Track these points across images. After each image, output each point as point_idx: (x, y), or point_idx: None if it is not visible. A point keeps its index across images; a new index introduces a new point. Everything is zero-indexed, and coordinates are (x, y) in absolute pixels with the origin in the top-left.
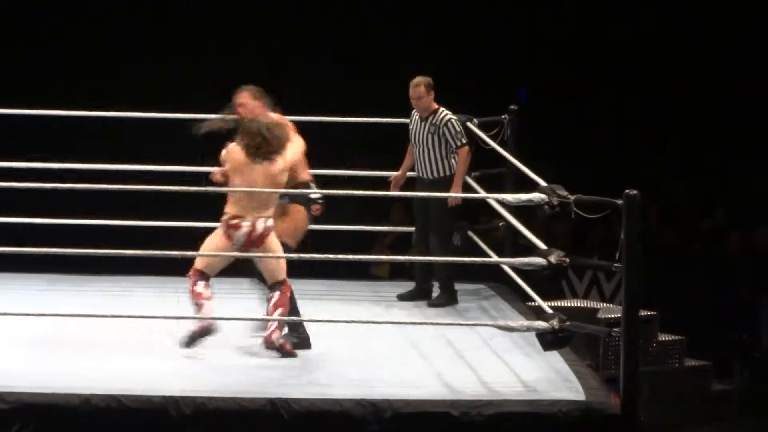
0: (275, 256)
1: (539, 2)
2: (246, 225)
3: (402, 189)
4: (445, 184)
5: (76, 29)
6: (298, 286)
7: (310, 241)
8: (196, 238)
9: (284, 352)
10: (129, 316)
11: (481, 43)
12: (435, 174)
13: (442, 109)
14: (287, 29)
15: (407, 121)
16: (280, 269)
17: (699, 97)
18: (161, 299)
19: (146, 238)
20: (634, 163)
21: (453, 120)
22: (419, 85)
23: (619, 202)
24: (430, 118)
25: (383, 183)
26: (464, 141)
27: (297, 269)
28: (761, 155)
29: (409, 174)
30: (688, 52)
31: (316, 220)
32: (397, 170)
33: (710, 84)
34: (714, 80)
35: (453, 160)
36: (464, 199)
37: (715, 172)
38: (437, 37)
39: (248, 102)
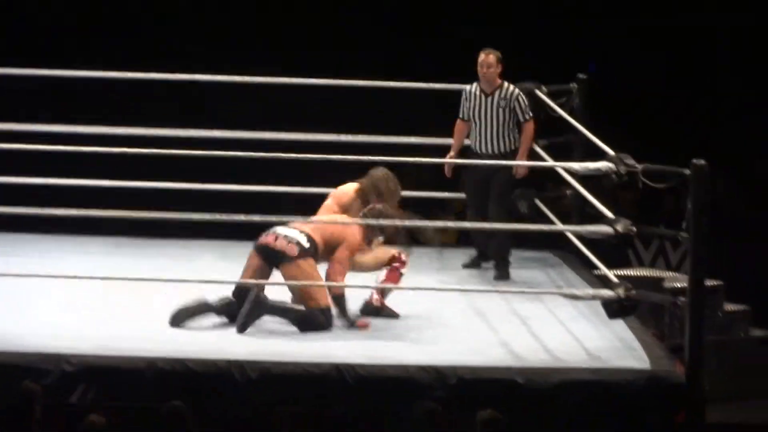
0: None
1: None
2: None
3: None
4: (510, 158)
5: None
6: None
7: None
8: (263, 202)
9: (387, 312)
10: (196, 281)
11: (552, 11)
12: (502, 148)
13: (507, 83)
14: None
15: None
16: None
17: None
18: (226, 263)
19: (212, 202)
20: (706, 134)
21: (522, 94)
22: (490, 54)
23: (687, 171)
24: (497, 92)
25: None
26: (532, 115)
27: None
28: None
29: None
30: None
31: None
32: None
33: None
34: None
35: (516, 135)
36: (530, 172)
37: None
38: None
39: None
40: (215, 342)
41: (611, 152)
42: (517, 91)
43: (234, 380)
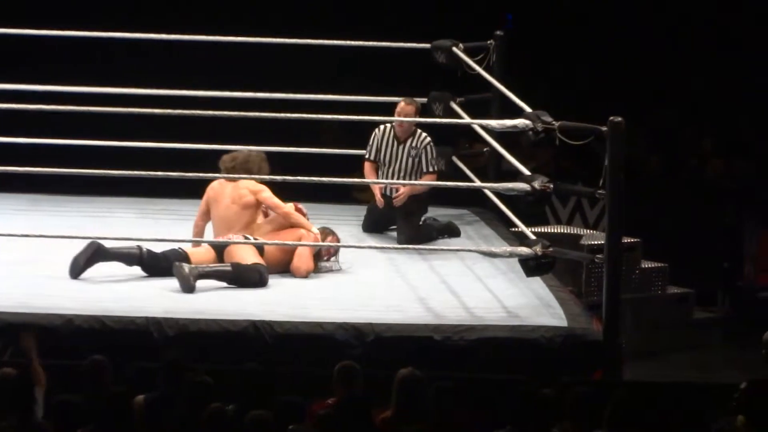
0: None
1: None
2: None
3: None
4: (413, 201)
5: None
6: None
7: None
8: (181, 159)
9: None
10: (113, 238)
11: None
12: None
13: (419, 131)
14: None
15: None
16: None
17: (694, 16)
18: (142, 220)
19: (130, 159)
20: (621, 90)
21: (431, 144)
22: (410, 105)
23: (604, 128)
24: (410, 140)
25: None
26: (435, 168)
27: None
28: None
29: None
30: None
31: None
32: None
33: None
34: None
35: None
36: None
37: (703, 97)
38: None
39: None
40: (133, 299)
41: (528, 109)
42: (428, 140)
43: (152, 337)
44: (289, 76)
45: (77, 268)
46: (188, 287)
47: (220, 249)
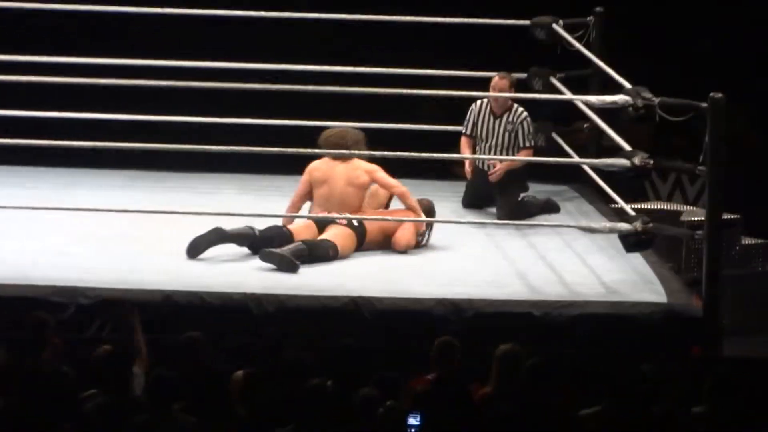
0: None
1: None
2: None
3: None
4: (510, 177)
5: None
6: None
7: None
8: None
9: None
10: (212, 213)
11: None
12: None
13: (517, 105)
14: None
15: None
16: None
17: None
18: (248, 196)
19: (232, 134)
20: (721, 65)
21: (528, 119)
22: (504, 79)
23: (704, 105)
24: (506, 115)
25: None
26: (533, 143)
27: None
28: None
29: None
30: None
31: None
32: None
33: None
34: None
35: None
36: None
37: None
38: None
39: None
40: (231, 275)
41: (628, 85)
42: (524, 115)
43: (250, 313)
44: (390, 52)
45: (196, 252)
46: (291, 266)
47: (321, 228)
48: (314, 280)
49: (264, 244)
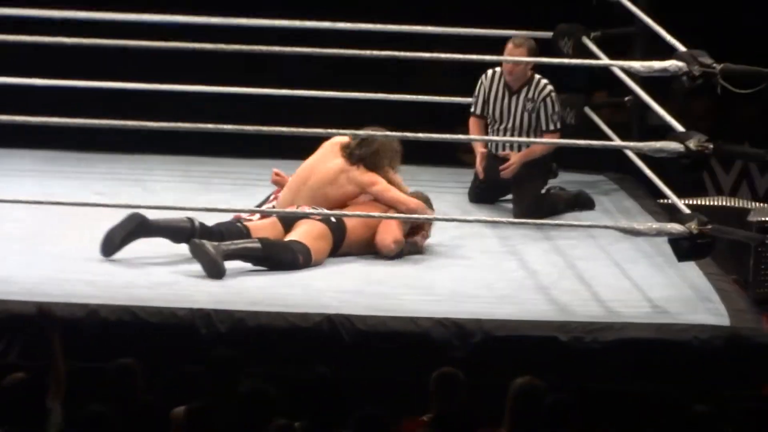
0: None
1: None
2: None
3: None
4: (531, 164)
5: None
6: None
7: None
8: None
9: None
10: (147, 207)
11: None
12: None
13: (538, 76)
14: None
15: None
16: None
17: None
18: (184, 186)
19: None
20: None
21: (553, 95)
22: (520, 47)
23: None
24: (524, 90)
25: None
26: (559, 126)
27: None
28: None
29: None
30: None
31: None
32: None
33: None
34: None
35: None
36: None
37: None
38: None
39: None
40: (174, 286)
41: (682, 48)
42: (548, 89)
43: (198, 334)
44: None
45: (112, 246)
46: (215, 269)
47: (289, 224)
48: (280, 293)
49: (207, 240)
